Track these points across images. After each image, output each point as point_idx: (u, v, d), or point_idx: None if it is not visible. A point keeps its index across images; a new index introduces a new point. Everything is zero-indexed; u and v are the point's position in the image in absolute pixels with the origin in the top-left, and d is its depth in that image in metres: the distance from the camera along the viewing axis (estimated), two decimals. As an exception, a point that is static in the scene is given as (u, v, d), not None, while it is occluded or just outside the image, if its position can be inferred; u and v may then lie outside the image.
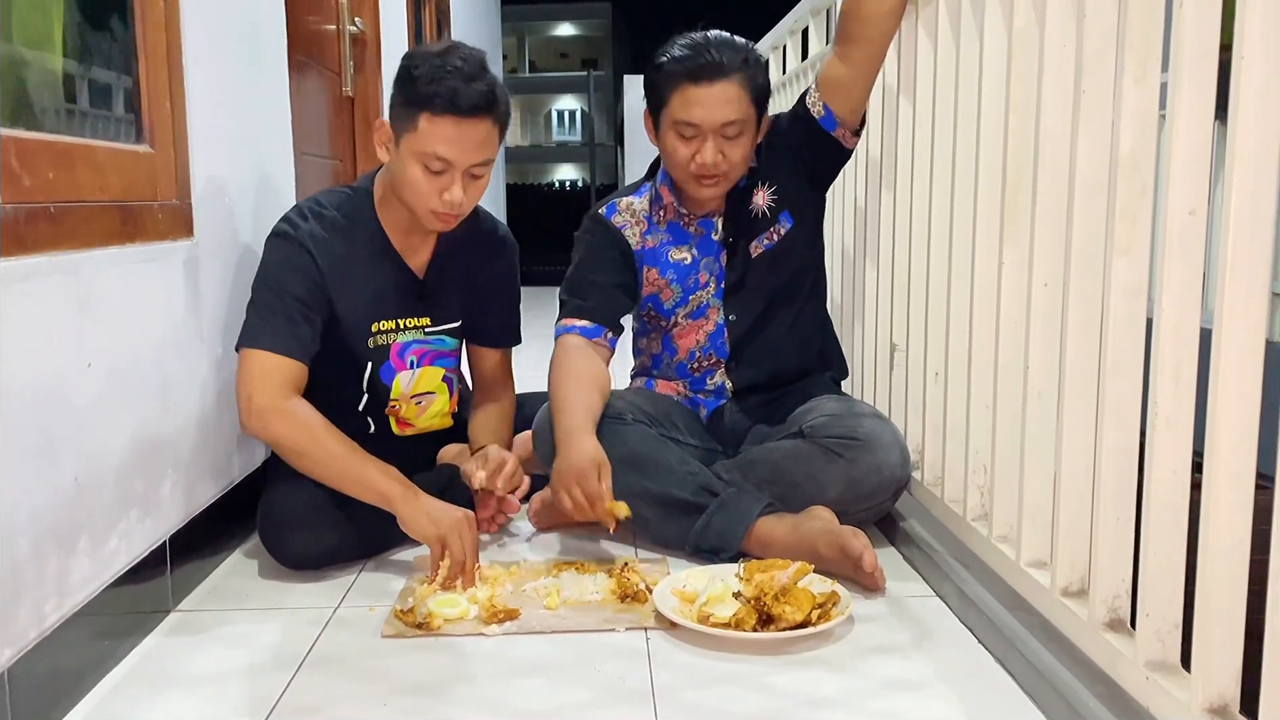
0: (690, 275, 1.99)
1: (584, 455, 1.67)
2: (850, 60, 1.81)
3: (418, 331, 1.90)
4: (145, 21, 1.60)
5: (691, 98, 1.81)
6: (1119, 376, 1.16)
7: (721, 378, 2.02)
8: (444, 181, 1.71)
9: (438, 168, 1.69)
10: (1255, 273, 0.95)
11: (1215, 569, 0.98)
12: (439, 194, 1.71)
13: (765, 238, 1.96)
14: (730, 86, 1.81)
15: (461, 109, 1.66)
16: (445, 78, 1.66)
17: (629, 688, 1.31)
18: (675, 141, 1.86)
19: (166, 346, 1.59)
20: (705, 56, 1.81)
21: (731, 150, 1.84)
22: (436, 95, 1.65)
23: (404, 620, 1.50)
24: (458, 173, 1.71)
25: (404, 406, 1.93)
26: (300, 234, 1.77)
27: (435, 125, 1.67)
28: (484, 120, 1.69)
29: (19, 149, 1.22)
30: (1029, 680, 1.28)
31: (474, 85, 1.67)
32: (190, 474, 1.68)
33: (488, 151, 1.72)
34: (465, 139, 1.68)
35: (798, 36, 2.83)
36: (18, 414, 1.19)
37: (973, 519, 1.60)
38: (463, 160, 1.70)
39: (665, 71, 1.84)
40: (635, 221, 2.01)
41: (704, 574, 1.58)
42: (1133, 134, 1.13)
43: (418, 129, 1.68)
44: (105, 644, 1.39)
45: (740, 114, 1.82)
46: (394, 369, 1.89)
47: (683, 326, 2.02)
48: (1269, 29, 0.91)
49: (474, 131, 1.68)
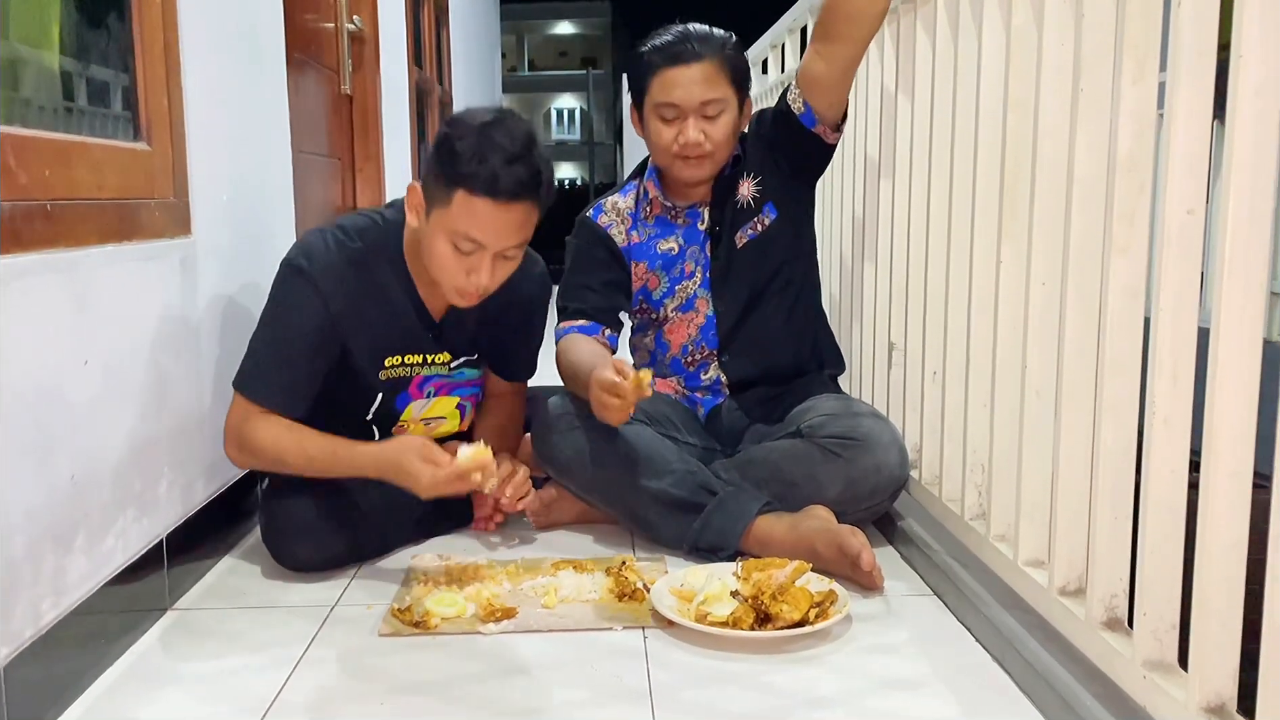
0: (676, 264, 2.00)
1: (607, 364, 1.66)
2: (830, 58, 1.80)
3: (443, 368, 1.85)
4: (143, 19, 1.59)
5: (670, 79, 1.86)
6: (1117, 375, 1.16)
7: (715, 371, 2.02)
8: (472, 262, 1.61)
9: (468, 249, 1.59)
10: (1253, 272, 0.95)
11: (1213, 568, 0.98)
12: (465, 274, 1.62)
13: (750, 228, 1.97)
14: (707, 66, 1.85)
15: (500, 193, 1.55)
16: (488, 157, 1.55)
17: (626, 686, 1.31)
18: (658, 125, 1.90)
19: (164, 345, 1.59)
20: (683, 43, 1.87)
21: (713, 129, 1.87)
22: (475, 176, 1.54)
23: (401, 619, 1.50)
24: (488, 255, 1.60)
25: (412, 427, 1.90)
26: (314, 270, 1.67)
27: (470, 206, 1.56)
28: (524, 204, 1.59)
29: (16, 146, 1.22)
30: (1026, 679, 1.28)
31: (516, 168, 1.55)
32: (187, 472, 1.67)
33: (524, 234, 1.63)
34: (501, 223, 1.58)
35: (796, 35, 2.82)
36: (14, 412, 1.18)
37: (970, 518, 1.60)
38: (496, 244, 1.60)
39: (645, 60, 1.90)
40: (620, 220, 2.04)
41: (702, 573, 1.58)
42: (1131, 133, 1.13)
43: (451, 205, 1.57)
44: (102, 643, 1.38)
45: (719, 93, 1.86)
46: (410, 398, 1.85)
47: (673, 321, 2.03)
48: (1267, 28, 0.91)
49: (511, 216, 1.58)
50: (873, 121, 2.13)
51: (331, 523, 1.69)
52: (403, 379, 1.82)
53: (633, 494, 1.80)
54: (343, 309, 1.69)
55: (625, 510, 1.84)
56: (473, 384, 1.93)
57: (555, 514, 1.93)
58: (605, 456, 1.81)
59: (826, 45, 1.80)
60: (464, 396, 1.92)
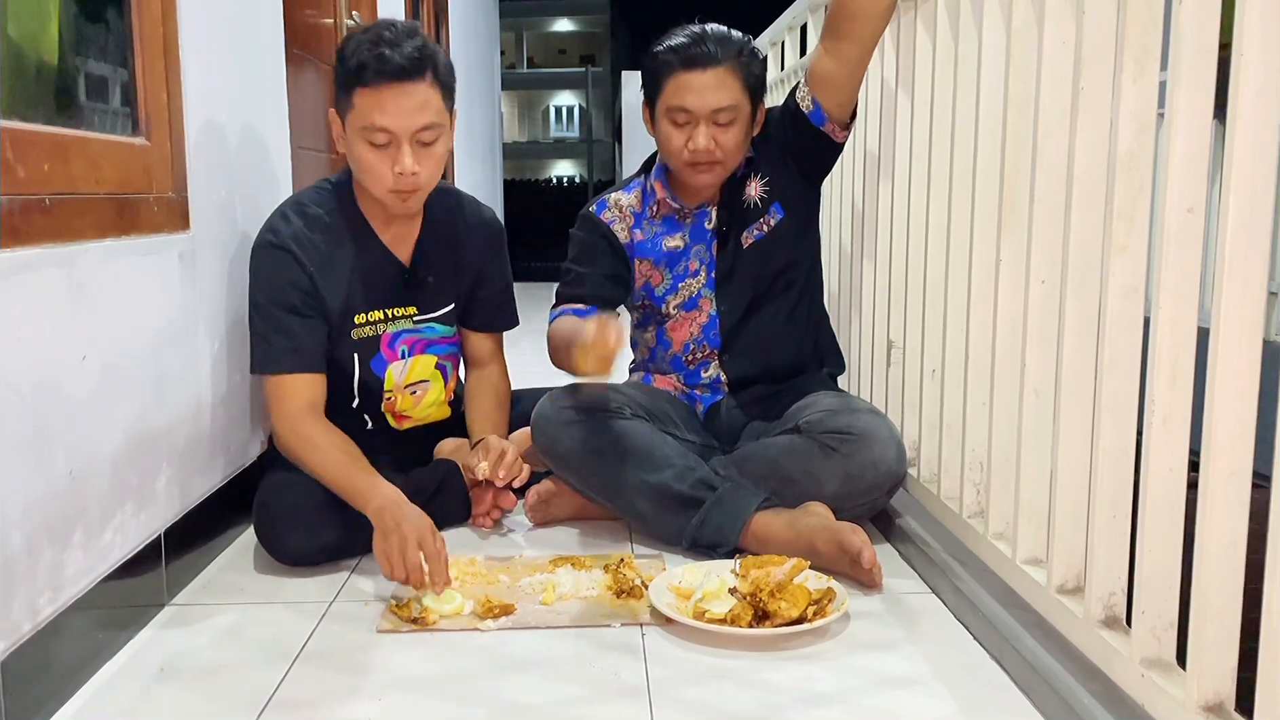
0: (680, 262, 2.00)
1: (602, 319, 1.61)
2: (839, 56, 1.80)
3: (406, 321, 1.89)
4: (142, 14, 1.59)
5: (684, 84, 1.84)
6: (1116, 374, 1.16)
7: (716, 370, 2.02)
8: (391, 153, 1.68)
9: (381, 140, 1.67)
10: (1252, 271, 0.95)
11: (1211, 567, 0.98)
12: (391, 169, 1.69)
13: (756, 228, 1.97)
14: (723, 73, 1.83)
15: (391, 73, 1.63)
16: (374, 48, 1.64)
17: (624, 683, 1.31)
18: (669, 128, 1.88)
19: (162, 339, 1.59)
20: (700, 46, 1.84)
21: (724, 137, 1.85)
22: (365, 67, 1.63)
23: (399, 615, 1.50)
24: (403, 141, 1.67)
25: (399, 398, 1.92)
26: (282, 238, 1.76)
27: (368, 96, 1.65)
28: (419, 82, 1.66)
29: (14, 140, 1.22)
30: (1024, 677, 1.28)
31: (401, 48, 1.64)
32: (185, 467, 1.67)
33: (430, 114, 1.68)
34: (401, 104, 1.65)
35: (796, 33, 2.82)
36: (12, 406, 1.18)
37: (969, 516, 1.60)
38: (404, 126, 1.66)
39: (660, 60, 1.87)
40: (624, 217, 2.02)
41: (700, 570, 1.58)
42: (1131, 132, 1.12)
43: (355, 106, 1.67)
44: (100, 637, 1.38)
45: (732, 100, 1.84)
46: (385, 360, 1.88)
47: (676, 319, 2.03)
48: (1268, 27, 0.91)
49: (410, 95, 1.65)
50: (873, 120, 2.12)
51: (324, 513, 1.69)
52: (372, 339, 1.86)
53: (631, 489, 1.80)
54: (318, 268, 1.77)
55: (623, 505, 1.83)
56: (447, 341, 1.96)
57: (553, 509, 1.93)
58: (604, 451, 1.81)
59: (836, 43, 1.80)
60: (441, 356, 1.95)
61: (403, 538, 1.51)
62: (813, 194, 2.04)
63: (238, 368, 1.87)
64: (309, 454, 1.71)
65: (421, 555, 1.51)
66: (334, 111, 1.74)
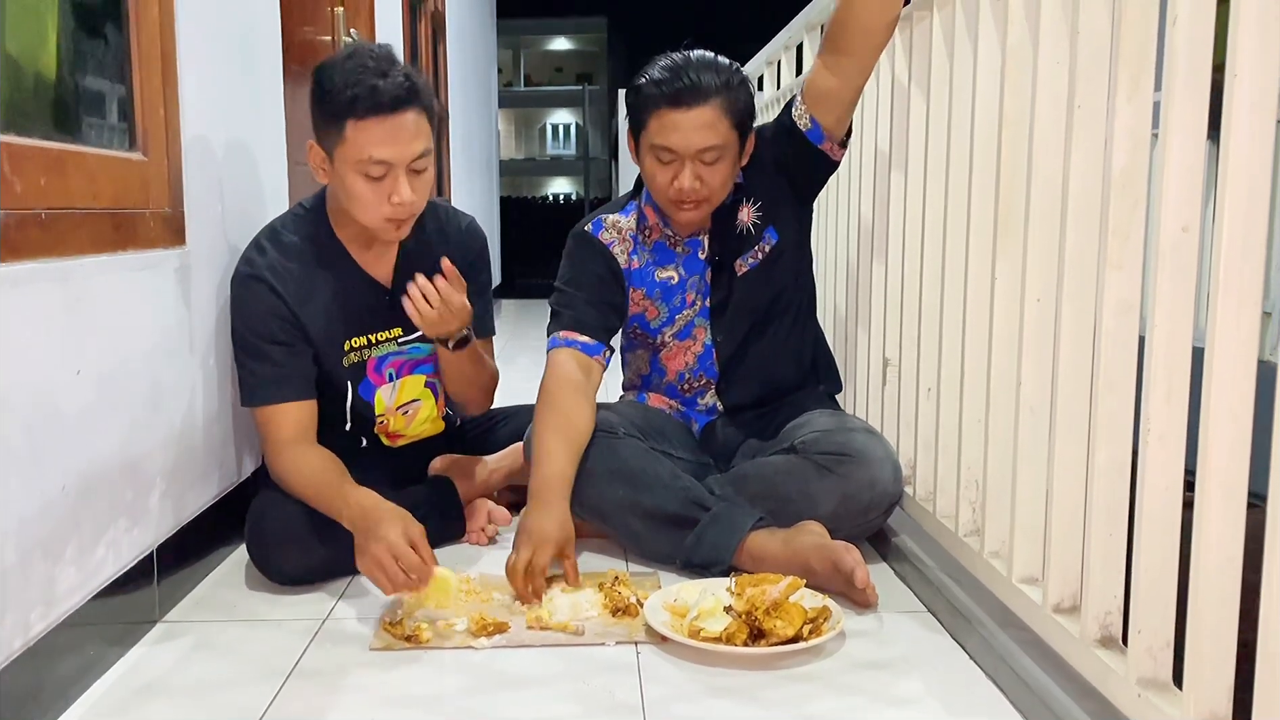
0: (677, 294, 1.97)
1: (557, 525, 1.66)
2: (840, 71, 1.77)
3: (390, 344, 1.88)
4: (140, 29, 1.59)
5: (669, 123, 1.78)
6: (1111, 393, 1.16)
7: (712, 398, 2.02)
8: (388, 185, 1.66)
9: (378, 172, 1.65)
10: (1247, 290, 0.95)
11: (1207, 586, 0.98)
12: (387, 199, 1.67)
13: (751, 255, 1.94)
14: (708, 111, 1.76)
15: (385, 106, 1.62)
16: (360, 79, 1.61)
17: (618, 701, 1.31)
18: (654, 166, 1.83)
19: (157, 355, 1.58)
20: (683, 80, 1.76)
21: (710, 175, 1.80)
22: (356, 99, 1.61)
23: (392, 633, 1.49)
24: (400, 171, 1.66)
25: (392, 420, 1.91)
26: (259, 270, 1.75)
27: (363, 129, 1.62)
28: (409, 111, 1.65)
29: (11, 154, 1.22)
30: (1020, 696, 1.27)
31: (390, 78, 1.62)
32: (179, 484, 1.67)
33: (423, 142, 1.68)
34: (397, 135, 1.64)
35: (792, 52, 2.83)
36: (6, 421, 1.18)
37: (964, 534, 1.59)
38: (402, 157, 1.65)
39: (643, 94, 1.81)
40: (622, 239, 1.98)
41: (695, 588, 1.58)
42: (1126, 150, 1.13)
43: (346, 139, 1.63)
44: (91, 654, 1.37)
45: (719, 139, 1.78)
46: (373, 385, 1.87)
47: (670, 348, 2.01)
48: (1261, 48, 0.91)
49: (404, 125, 1.64)
50: (869, 137, 2.13)
51: (316, 532, 1.68)
52: (358, 364, 1.85)
53: (626, 508, 1.79)
54: (296, 298, 1.76)
55: (618, 524, 1.82)
56: (432, 359, 1.94)
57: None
58: (598, 470, 1.80)
59: (836, 58, 1.77)
60: (430, 375, 1.94)
61: (383, 547, 1.50)
62: (805, 213, 2.01)
63: (232, 384, 1.86)
64: (293, 480, 1.71)
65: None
66: (314, 143, 1.71)
